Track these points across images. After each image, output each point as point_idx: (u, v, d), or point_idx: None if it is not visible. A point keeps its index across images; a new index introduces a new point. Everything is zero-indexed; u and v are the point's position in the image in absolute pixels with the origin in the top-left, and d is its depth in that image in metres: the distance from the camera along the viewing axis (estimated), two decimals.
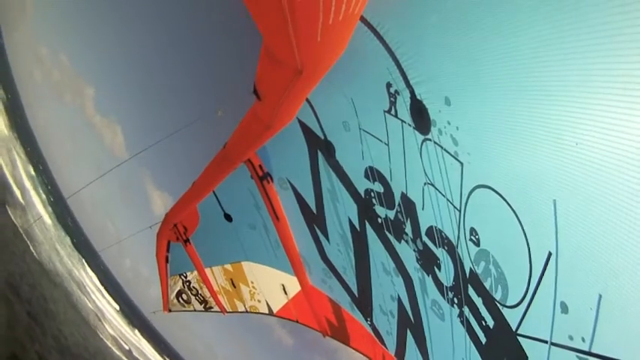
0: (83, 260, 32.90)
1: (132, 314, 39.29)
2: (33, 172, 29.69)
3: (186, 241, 6.65)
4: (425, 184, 2.76)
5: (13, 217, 16.81)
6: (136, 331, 38.73)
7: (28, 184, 26.38)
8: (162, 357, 42.26)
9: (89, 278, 32.83)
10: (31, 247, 17.32)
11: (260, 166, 4.86)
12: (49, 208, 30.21)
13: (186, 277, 7.71)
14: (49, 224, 28.33)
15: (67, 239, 32.12)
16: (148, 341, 40.34)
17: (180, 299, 8.09)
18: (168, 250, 7.03)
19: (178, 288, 7.92)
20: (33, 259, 16.83)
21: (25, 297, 12.57)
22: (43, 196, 30.00)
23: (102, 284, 36.03)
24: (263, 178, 4.91)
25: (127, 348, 30.11)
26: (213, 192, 5.51)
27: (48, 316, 14.06)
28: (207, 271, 7.16)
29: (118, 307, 37.24)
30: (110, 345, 24.73)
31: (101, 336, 23.71)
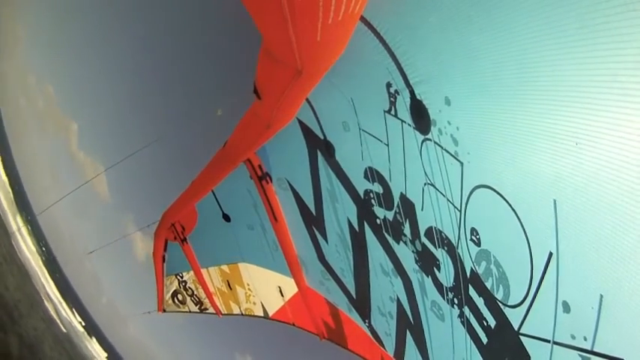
0: None
1: None
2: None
3: (184, 240, 6.62)
4: (425, 184, 2.75)
5: None
6: None
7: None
8: None
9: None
10: None
11: (259, 166, 4.84)
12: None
13: (182, 278, 7.68)
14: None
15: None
16: None
17: (175, 300, 8.05)
18: (165, 250, 7.00)
19: (174, 288, 7.89)
20: None
21: None
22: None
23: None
24: (262, 178, 4.89)
25: None
26: (212, 191, 5.48)
27: None
28: (204, 271, 7.12)
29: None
30: None
31: None
